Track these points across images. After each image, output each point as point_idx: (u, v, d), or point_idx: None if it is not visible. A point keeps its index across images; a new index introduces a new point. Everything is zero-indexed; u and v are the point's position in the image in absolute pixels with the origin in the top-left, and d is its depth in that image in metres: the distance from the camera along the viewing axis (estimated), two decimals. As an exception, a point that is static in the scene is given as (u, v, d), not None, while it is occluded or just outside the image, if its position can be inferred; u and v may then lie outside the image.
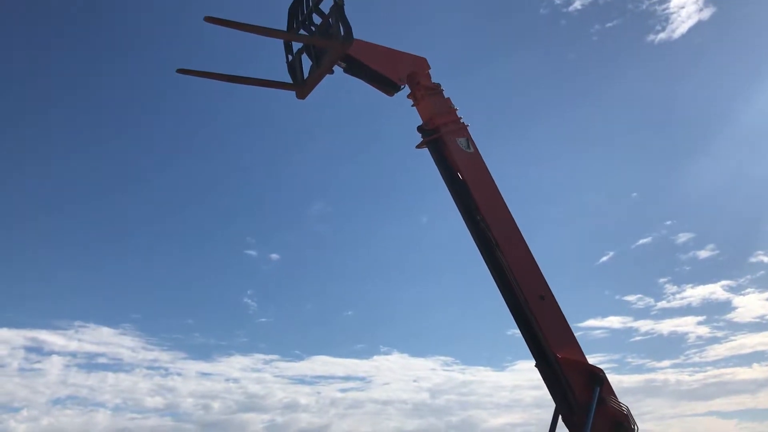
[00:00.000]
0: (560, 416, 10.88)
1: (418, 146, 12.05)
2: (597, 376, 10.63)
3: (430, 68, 12.08)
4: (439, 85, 12.11)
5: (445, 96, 12.13)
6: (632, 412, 10.75)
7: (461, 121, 12.00)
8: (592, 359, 10.96)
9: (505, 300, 11.31)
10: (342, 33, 10.14)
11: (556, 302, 11.22)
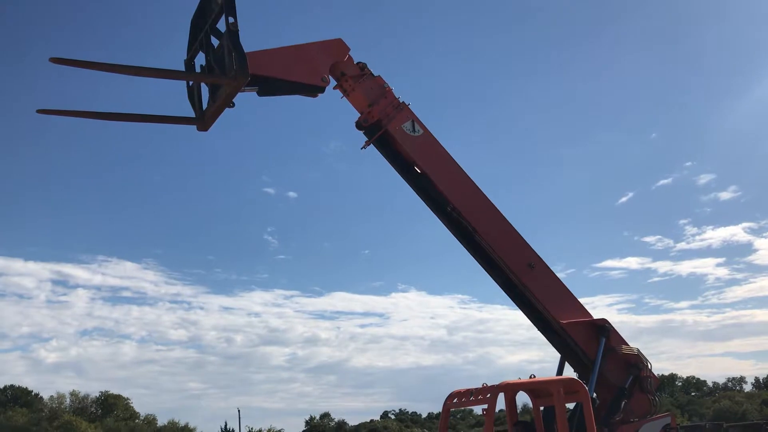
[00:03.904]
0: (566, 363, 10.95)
1: (364, 147, 10.92)
2: (603, 328, 10.62)
3: (349, 49, 10.59)
4: (365, 65, 10.72)
5: (374, 74, 10.75)
6: (649, 353, 10.84)
7: (400, 101, 10.74)
8: (609, 299, 10.92)
9: (494, 280, 11.02)
10: (235, 65, 8.65)
11: (547, 266, 10.98)
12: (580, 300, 11.07)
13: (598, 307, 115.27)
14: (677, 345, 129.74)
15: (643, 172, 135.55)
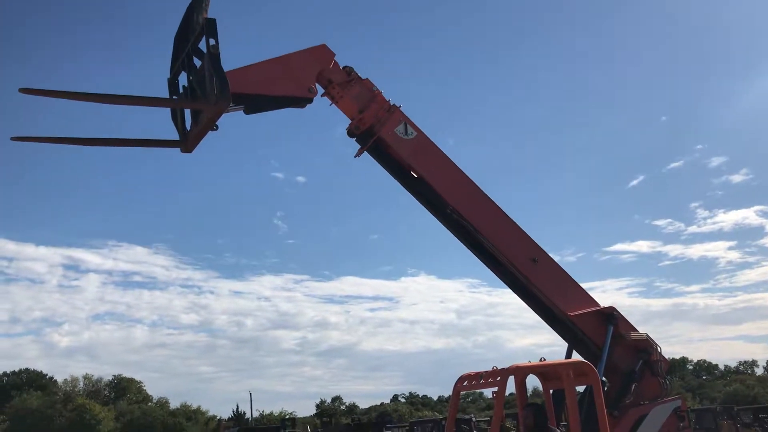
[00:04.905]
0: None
1: (357, 155, 10.63)
2: (611, 317, 10.59)
3: (334, 54, 10.14)
4: (351, 69, 10.30)
5: (362, 77, 10.35)
6: (659, 336, 10.89)
7: (391, 103, 10.41)
8: (619, 283, 10.89)
9: (499, 277, 10.96)
10: (216, 90, 8.22)
11: (551, 258, 10.89)
12: (591, 283, 11.10)
13: (608, 290, 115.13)
14: (688, 328, 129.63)
15: (653, 155, 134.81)
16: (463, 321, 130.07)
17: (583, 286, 11.03)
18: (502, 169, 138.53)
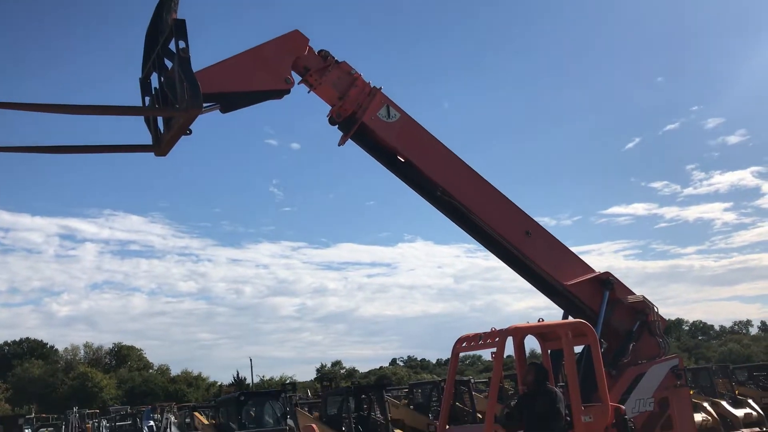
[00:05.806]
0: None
1: (341, 143, 10.31)
2: (607, 282, 10.61)
3: (308, 40, 9.69)
4: (327, 53, 9.88)
5: (339, 61, 9.94)
6: (656, 298, 10.95)
7: (371, 86, 10.04)
8: (615, 246, 10.85)
9: (494, 253, 10.89)
10: (187, 95, 7.68)
11: (543, 228, 10.83)
12: (587, 246, 11.20)
13: (605, 253, 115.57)
14: (684, 290, 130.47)
15: (649, 117, 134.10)
16: (461, 285, 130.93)
17: (580, 249, 11.04)
18: (497, 131, 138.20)
